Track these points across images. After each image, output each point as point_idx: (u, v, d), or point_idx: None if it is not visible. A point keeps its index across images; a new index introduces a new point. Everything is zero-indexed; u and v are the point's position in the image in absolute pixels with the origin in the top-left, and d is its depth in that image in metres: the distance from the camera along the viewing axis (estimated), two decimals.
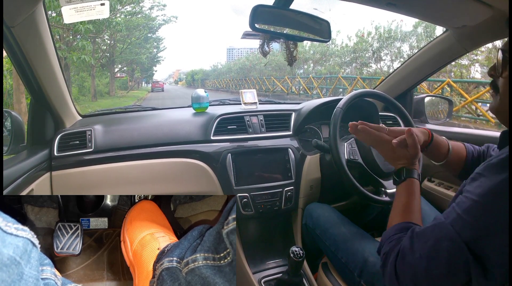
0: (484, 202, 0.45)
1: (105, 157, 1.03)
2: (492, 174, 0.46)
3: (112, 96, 14.95)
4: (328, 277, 0.93)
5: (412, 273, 0.51)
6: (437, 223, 0.51)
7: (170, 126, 1.15)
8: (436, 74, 6.23)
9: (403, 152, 0.67)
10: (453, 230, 0.47)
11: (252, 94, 1.32)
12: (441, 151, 0.77)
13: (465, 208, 0.47)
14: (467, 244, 0.46)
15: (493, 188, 0.45)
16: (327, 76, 12.36)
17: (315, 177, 1.16)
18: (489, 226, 0.45)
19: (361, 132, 0.73)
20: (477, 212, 0.46)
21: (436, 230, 0.50)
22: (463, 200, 0.48)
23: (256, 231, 1.23)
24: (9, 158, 0.90)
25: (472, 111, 6.51)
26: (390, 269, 0.53)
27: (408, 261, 0.51)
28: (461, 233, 0.46)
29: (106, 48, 13.96)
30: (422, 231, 0.52)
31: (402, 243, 0.54)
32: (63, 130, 1.06)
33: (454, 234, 0.47)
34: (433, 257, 0.49)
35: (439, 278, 0.49)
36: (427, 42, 1.35)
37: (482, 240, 0.45)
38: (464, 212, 0.47)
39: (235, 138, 1.15)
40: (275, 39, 0.87)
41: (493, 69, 0.55)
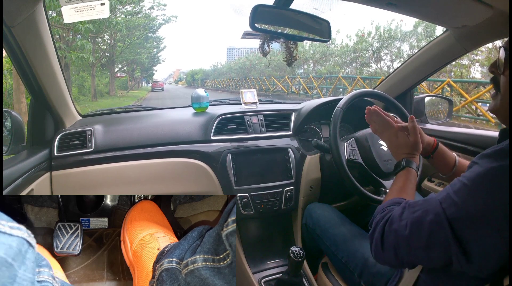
0: (473, 186, 0.47)
1: (105, 157, 1.03)
2: (484, 162, 0.48)
3: (112, 96, 14.94)
4: (328, 277, 0.93)
5: (395, 239, 0.53)
6: (428, 197, 0.54)
7: (170, 126, 1.15)
8: (436, 74, 6.23)
9: (405, 138, 0.72)
10: (440, 206, 0.49)
11: (252, 94, 1.32)
12: (447, 162, 0.78)
13: (455, 189, 0.49)
14: (450, 222, 0.47)
15: (481, 174, 0.47)
16: (327, 76, 12.36)
17: (315, 177, 1.16)
18: (474, 211, 0.46)
19: (373, 113, 0.78)
20: (465, 194, 0.47)
21: (426, 203, 0.52)
22: (456, 182, 0.51)
23: (256, 231, 1.23)
24: (9, 158, 0.90)
25: (472, 111, 6.51)
26: (378, 234, 0.56)
27: (394, 227, 0.54)
28: (447, 210, 0.48)
29: (106, 48, 13.96)
30: (413, 202, 0.55)
31: (393, 211, 0.56)
32: (63, 130, 1.06)
33: (440, 209, 0.49)
34: (416, 227, 0.51)
35: (418, 249, 0.51)
36: (427, 42, 1.35)
37: (465, 222, 0.47)
38: (454, 192, 0.49)
39: (235, 138, 1.15)
40: (275, 39, 0.87)
41: (494, 65, 0.55)
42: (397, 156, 0.73)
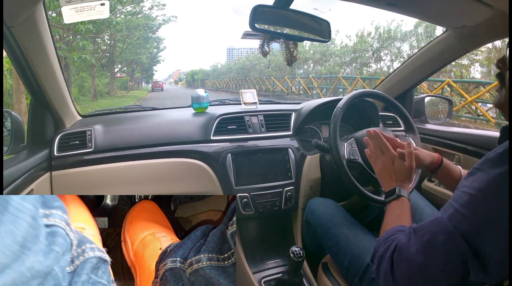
0: (482, 195, 0.45)
1: (105, 157, 1.03)
2: (489, 167, 0.46)
3: (112, 96, 14.95)
4: (328, 277, 0.93)
5: (408, 268, 0.50)
6: (434, 218, 0.51)
7: (170, 126, 1.15)
8: (436, 74, 6.23)
9: (401, 165, 0.69)
10: (450, 224, 0.47)
11: (252, 94, 1.32)
12: (453, 176, 0.77)
13: (463, 202, 0.47)
14: (465, 238, 0.46)
15: (490, 181, 0.45)
16: (327, 76, 12.36)
17: (315, 177, 1.16)
18: (487, 220, 0.45)
19: (374, 137, 0.75)
20: (475, 205, 0.46)
21: (433, 224, 0.50)
22: (460, 195, 0.48)
23: (256, 231, 1.22)
24: (9, 158, 0.90)
25: (472, 111, 6.51)
26: (386, 266, 0.53)
27: (404, 256, 0.51)
28: (459, 227, 0.46)
29: (106, 48, 13.97)
30: (419, 226, 0.52)
31: (399, 239, 0.53)
32: (63, 130, 1.06)
33: (451, 228, 0.47)
34: (430, 251, 0.48)
35: (435, 273, 0.48)
36: (427, 42, 1.35)
37: (480, 234, 0.45)
38: (462, 206, 0.47)
39: (235, 138, 1.15)
40: (275, 39, 0.87)
41: (501, 61, 0.54)
42: (387, 183, 0.70)
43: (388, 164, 0.71)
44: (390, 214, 0.66)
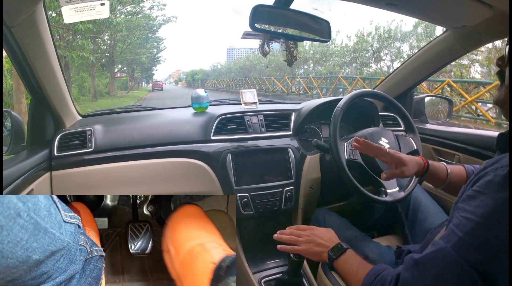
0: (489, 223, 0.43)
1: (105, 157, 1.03)
2: (493, 191, 0.44)
3: (112, 96, 14.95)
4: (328, 277, 0.93)
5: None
6: (437, 249, 0.48)
7: (170, 126, 1.15)
8: (436, 74, 6.22)
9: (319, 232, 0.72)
10: (457, 255, 0.45)
11: (252, 94, 1.32)
12: (440, 176, 0.78)
13: (468, 231, 0.45)
14: (476, 268, 0.44)
15: (496, 207, 0.43)
16: (327, 76, 12.36)
17: (315, 177, 1.16)
18: (496, 247, 0.43)
19: None
20: (482, 233, 0.44)
21: (439, 256, 0.47)
22: (463, 221, 0.46)
23: (256, 231, 1.22)
24: (9, 158, 0.90)
25: (472, 111, 6.51)
26: None
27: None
28: (467, 258, 0.44)
29: (106, 48, 13.97)
30: (422, 259, 0.49)
31: (400, 275, 0.50)
32: (63, 130, 1.06)
33: (459, 259, 0.45)
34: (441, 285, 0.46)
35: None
36: (427, 42, 1.35)
37: (490, 262, 0.44)
38: (467, 235, 0.45)
39: (235, 138, 1.15)
40: (275, 39, 0.87)
41: (501, 59, 0.54)
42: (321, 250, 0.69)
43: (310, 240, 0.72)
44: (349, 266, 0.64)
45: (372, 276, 0.56)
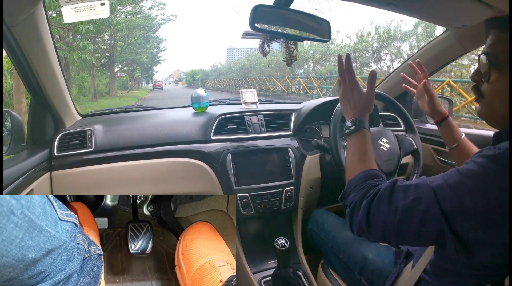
0: (471, 184, 0.46)
1: (105, 157, 1.03)
2: (484, 162, 0.46)
3: (112, 96, 14.94)
4: (328, 277, 0.93)
5: (384, 222, 0.52)
6: (421, 182, 0.51)
7: (170, 126, 1.15)
8: (436, 74, 6.22)
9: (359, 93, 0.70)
10: (434, 196, 0.48)
11: (252, 94, 1.32)
12: (453, 135, 0.82)
13: (452, 182, 0.47)
14: (445, 214, 0.47)
15: (481, 174, 0.46)
16: (327, 76, 12.35)
17: (315, 177, 1.16)
18: (471, 208, 0.45)
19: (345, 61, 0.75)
20: (462, 191, 0.46)
21: (418, 189, 0.50)
22: (452, 174, 0.49)
23: (256, 231, 1.22)
24: (9, 158, 0.90)
25: (472, 111, 6.51)
26: (362, 213, 0.54)
27: (382, 209, 0.52)
28: (441, 202, 0.47)
29: (106, 48, 13.96)
30: (404, 186, 0.52)
31: (381, 190, 0.54)
32: (63, 130, 1.06)
33: (434, 200, 0.48)
34: (408, 214, 0.50)
35: (408, 235, 0.51)
36: (427, 42, 1.34)
37: (461, 217, 0.46)
38: (450, 185, 0.47)
39: (235, 138, 1.15)
40: (275, 39, 0.87)
41: (477, 73, 0.55)
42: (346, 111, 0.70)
43: (347, 91, 0.71)
44: (353, 150, 0.66)
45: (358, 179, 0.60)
